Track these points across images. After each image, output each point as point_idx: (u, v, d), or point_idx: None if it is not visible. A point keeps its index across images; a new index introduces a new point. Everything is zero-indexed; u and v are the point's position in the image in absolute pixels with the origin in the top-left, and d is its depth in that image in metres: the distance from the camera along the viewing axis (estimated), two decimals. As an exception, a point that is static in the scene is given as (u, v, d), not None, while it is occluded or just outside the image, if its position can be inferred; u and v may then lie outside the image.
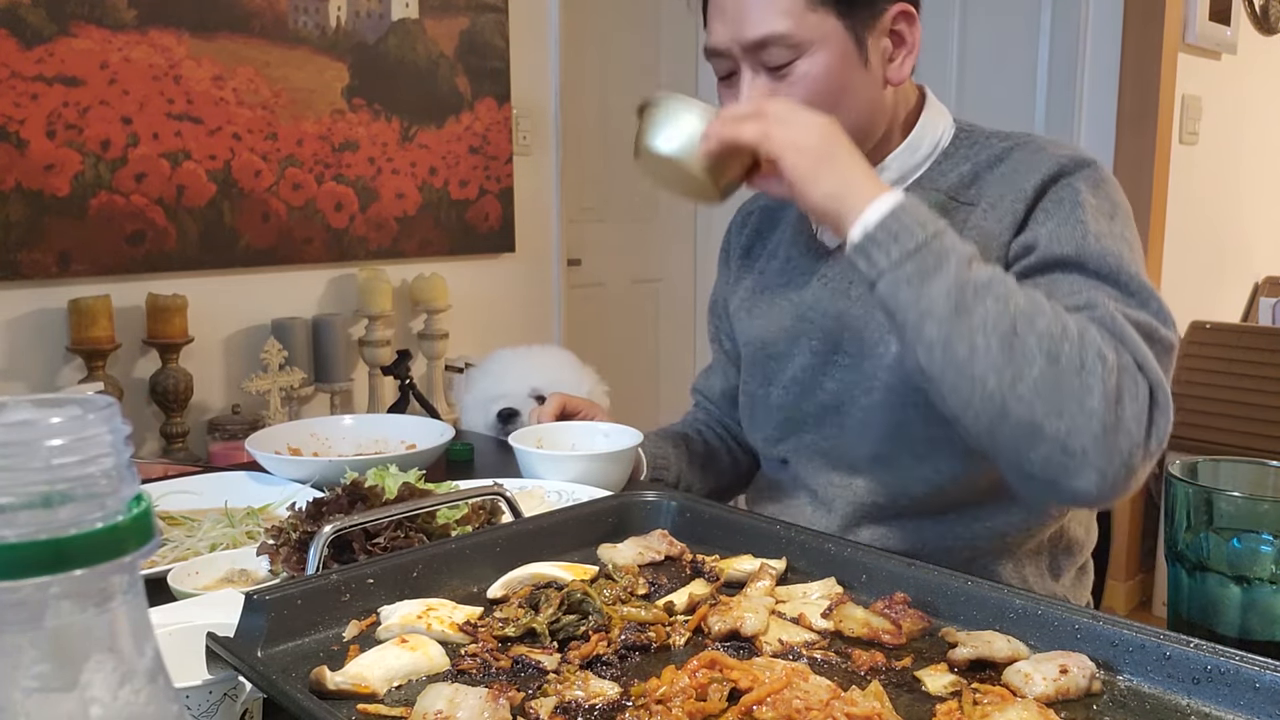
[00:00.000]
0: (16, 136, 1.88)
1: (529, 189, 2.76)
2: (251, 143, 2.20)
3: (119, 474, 0.22)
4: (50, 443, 0.21)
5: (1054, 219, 1.00)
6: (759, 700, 0.56)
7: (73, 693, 0.21)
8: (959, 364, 0.86)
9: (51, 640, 0.21)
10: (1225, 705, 0.58)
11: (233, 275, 2.20)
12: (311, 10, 2.27)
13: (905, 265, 0.88)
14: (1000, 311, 0.86)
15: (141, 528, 0.23)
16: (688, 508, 0.89)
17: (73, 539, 0.21)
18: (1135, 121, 2.83)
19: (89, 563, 0.21)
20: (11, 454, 0.20)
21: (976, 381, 0.86)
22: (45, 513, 0.21)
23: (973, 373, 0.86)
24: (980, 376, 0.86)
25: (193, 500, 1.12)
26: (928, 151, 1.12)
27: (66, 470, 0.21)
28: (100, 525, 0.21)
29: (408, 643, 0.64)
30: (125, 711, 0.21)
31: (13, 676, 0.19)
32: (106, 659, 0.21)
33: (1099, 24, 2.84)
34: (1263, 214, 3.53)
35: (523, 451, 1.18)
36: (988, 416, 0.87)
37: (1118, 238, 0.98)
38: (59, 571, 0.21)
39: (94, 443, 0.22)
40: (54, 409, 0.22)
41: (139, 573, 0.23)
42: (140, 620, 0.23)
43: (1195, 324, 3.12)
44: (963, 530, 1.10)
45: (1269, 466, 0.77)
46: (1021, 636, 0.66)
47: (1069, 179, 1.02)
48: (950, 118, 1.15)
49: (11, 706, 0.19)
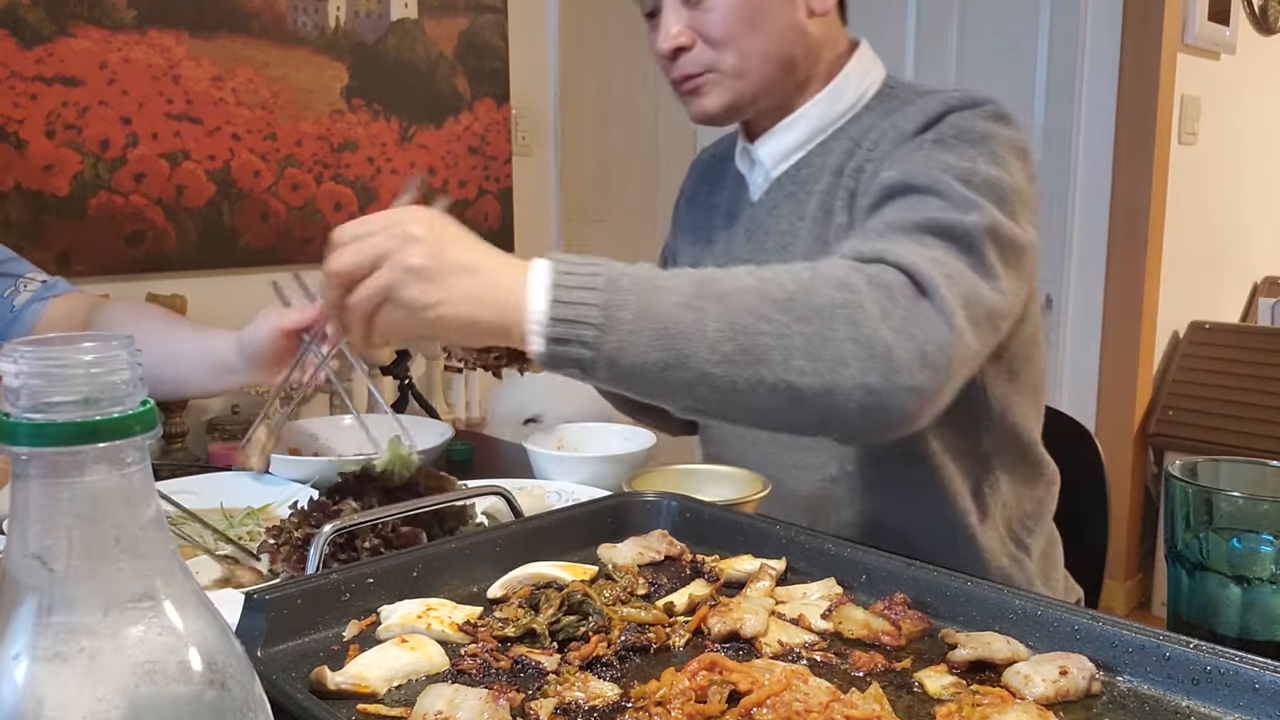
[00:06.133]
0: (16, 136, 1.88)
1: (528, 189, 2.75)
2: (251, 143, 2.20)
3: (133, 384, 0.34)
4: (87, 358, 0.33)
5: (907, 153, 0.98)
6: (759, 702, 0.56)
7: (103, 525, 0.33)
8: (728, 385, 0.78)
9: (88, 488, 0.33)
10: (1225, 706, 0.58)
11: (232, 275, 2.20)
12: (311, 10, 2.27)
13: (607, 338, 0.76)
14: (720, 312, 0.78)
15: (148, 418, 0.34)
16: (688, 508, 0.89)
17: (101, 422, 0.33)
18: (1134, 122, 2.83)
19: (112, 438, 0.33)
20: (63, 369, 0.33)
21: (755, 388, 0.78)
22: (84, 406, 0.33)
23: (745, 381, 0.78)
24: (752, 380, 0.78)
25: (192, 500, 1.12)
26: (850, 102, 1.12)
27: (98, 379, 0.33)
28: (117, 415, 0.33)
29: (408, 643, 0.64)
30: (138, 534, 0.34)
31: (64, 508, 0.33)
32: (124, 506, 0.34)
33: (1098, 24, 2.85)
34: (1262, 214, 3.53)
35: (535, 452, 1.18)
36: (789, 411, 0.80)
37: (962, 156, 0.95)
38: (94, 443, 0.33)
39: (116, 361, 0.33)
40: (87, 341, 0.34)
41: (147, 449, 0.34)
42: (147, 482, 0.35)
43: (1195, 324, 3.12)
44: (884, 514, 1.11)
45: (1269, 466, 0.76)
46: (1021, 637, 0.66)
47: (951, 116, 1.00)
48: (882, 71, 1.15)
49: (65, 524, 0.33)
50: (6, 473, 0.36)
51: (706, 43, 1.08)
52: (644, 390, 0.79)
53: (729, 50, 1.07)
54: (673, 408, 0.82)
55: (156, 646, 0.34)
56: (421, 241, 0.76)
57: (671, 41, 1.08)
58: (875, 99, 1.12)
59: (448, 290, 0.76)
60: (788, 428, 0.84)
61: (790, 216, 1.14)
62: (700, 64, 1.09)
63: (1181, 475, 0.74)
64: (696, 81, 1.10)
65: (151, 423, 0.34)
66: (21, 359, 0.33)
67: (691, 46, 1.08)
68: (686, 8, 1.07)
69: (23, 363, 0.32)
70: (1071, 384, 3.01)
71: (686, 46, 1.08)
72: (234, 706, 0.35)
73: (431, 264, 0.75)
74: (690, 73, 1.10)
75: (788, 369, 0.78)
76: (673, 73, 1.12)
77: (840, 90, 1.12)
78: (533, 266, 0.78)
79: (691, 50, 1.09)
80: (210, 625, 0.35)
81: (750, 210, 1.19)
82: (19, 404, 0.33)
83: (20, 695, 0.32)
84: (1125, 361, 2.93)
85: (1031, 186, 0.99)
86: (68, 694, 0.32)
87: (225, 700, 0.35)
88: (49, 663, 0.32)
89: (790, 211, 1.15)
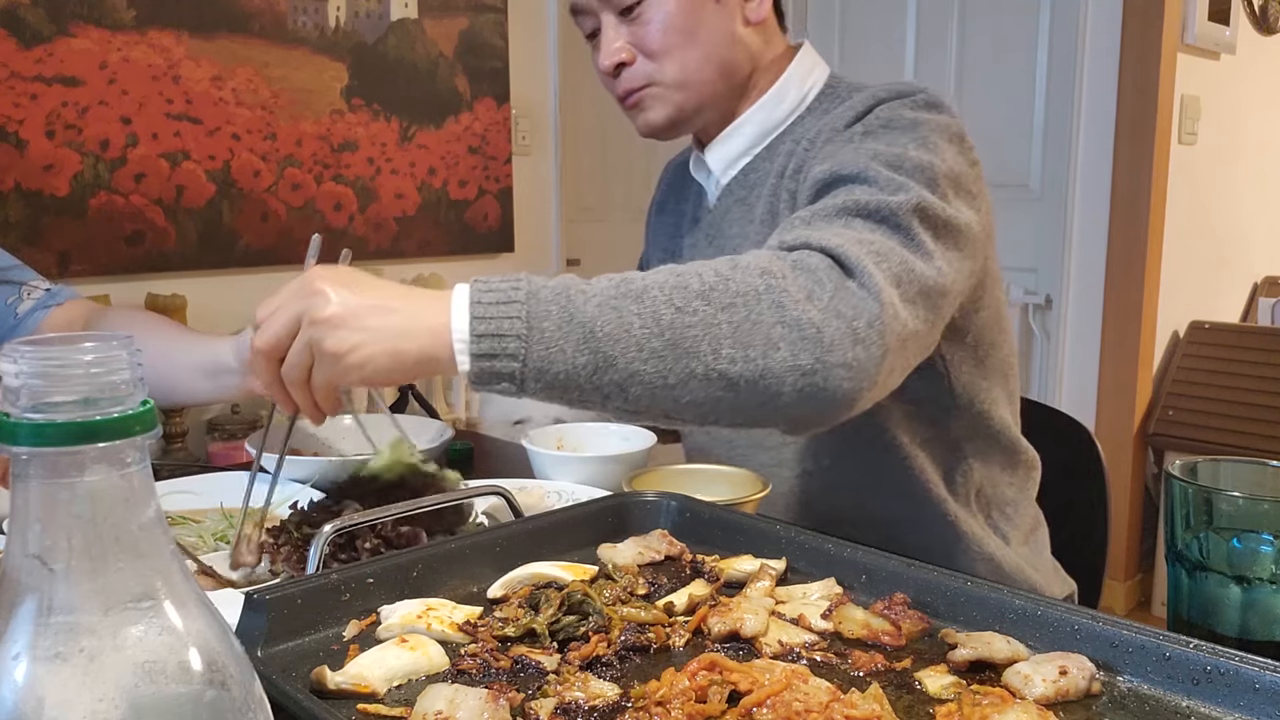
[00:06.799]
0: (16, 136, 1.88)
1: (528, 189, 2.76)
2: (251, 143, 2.20)
3: (133, 384, 0.34)
4: (87, 358, 0.33)
5: (837, 146, 0.99)
6: (759, 702, 0.56)
7: (103, 525, 0.33)
8: (659, 381, 0.77)
9: (88, 488, 0.33)
10: (1225, 706, 0.58)
11: (232, 275, 2.20)
12: (311, 10, 2.27)
13: (533, 348, 0.75)
14: (643, 309, 0.77)
15: (148, 418, 0.34)
16: (688, 508, 0.89)
17: (101, 422, 0.33)
18: (1134, 122, 2.83)
19: (111, 438, 0.33)
20: (63, 369, 0.33)
21: (686, 381, 0.77)
22: (84, 407, 0.33)
23: (676, 376, 0.77)
24: (683, 374, 0.77)
25: (192, 500, 1.12)
26: (792, 105, 1.14)
27: (98, 379, 0.33)
28: (117, 415, 0.33)
29: (408, 643, 0.64)
30: (138, 534, 0.34)
31: (64, 509, 0.33)
32: (124, 506, 0.34)
33: (1098, 24, 2.85)
34: (1262, 214, 3.53)
35: (535, 452, 1.18)
36: (725, 401, 0.79)
37: (891, 144, 0.95)
38: (94, 442, 0.33)
39: (116, 361, 0.33)
40: (87, 341, 0.34)
41: (147, 449, 0.34)
42: (147, 482, 0.35)
43: (1195, 324, 3.12)
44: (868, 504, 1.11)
45: (1269, 466, 0.76)
46: (1021, 637, 0.66)
47: (879, 108, 1.00)
48: (825, 72, 1.17)
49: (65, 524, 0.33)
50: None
51: (646, 56, 1.10)
52: (577, 398, 0.78)
53: (668, 61, 1.10)
54: (609, 412, 0.81)
55: (156, 646, 0.34)
56: (327, 293, 0.76)
57: (612, 57, 1.11)
58: (817, 100, 1.14)
59: (366, 331, 0.76)
60: (729, 420, 0.82)
61: (741, 221, 1.17)
62: (641, 77, 1.11)
63: (1181, 475, 0.74)
64: (638, 95, 1.13)
65: (151, 423, 0.34)
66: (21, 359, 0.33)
67: (632, 61, 1.11)
68: (625, 24, 1.09)
69: (23, 363, 0.33)
70: (1071, 384, 3.01)
71: (627, 62, 1.11)
72: (234, 706, 0.35)
73: (343, 310, 0.76)
74: (632, 87, 1.12)
75: (717, 358, 0.77)
76: (616, 89, 1.14)
77: (781, 95, 1.14)
78: (454, 291, 0.78)
79: (632, 65, 1.11)
80: (210, 625, 0.35)
81: (709, 216, 1.22)
82: (19, 404, 0.33)
83: (20, 695, 0.32)
84: (1125, 361, 2.93)
85: (971, 170, 0.98)
86: (68, 694, 0.32)
87: (225, 700, 0.35)
88: (49, 663, 0.32)
89: (741, 216, 1.17)
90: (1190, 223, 3.05)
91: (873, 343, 0.80)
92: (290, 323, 0.77)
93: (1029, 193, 3.04)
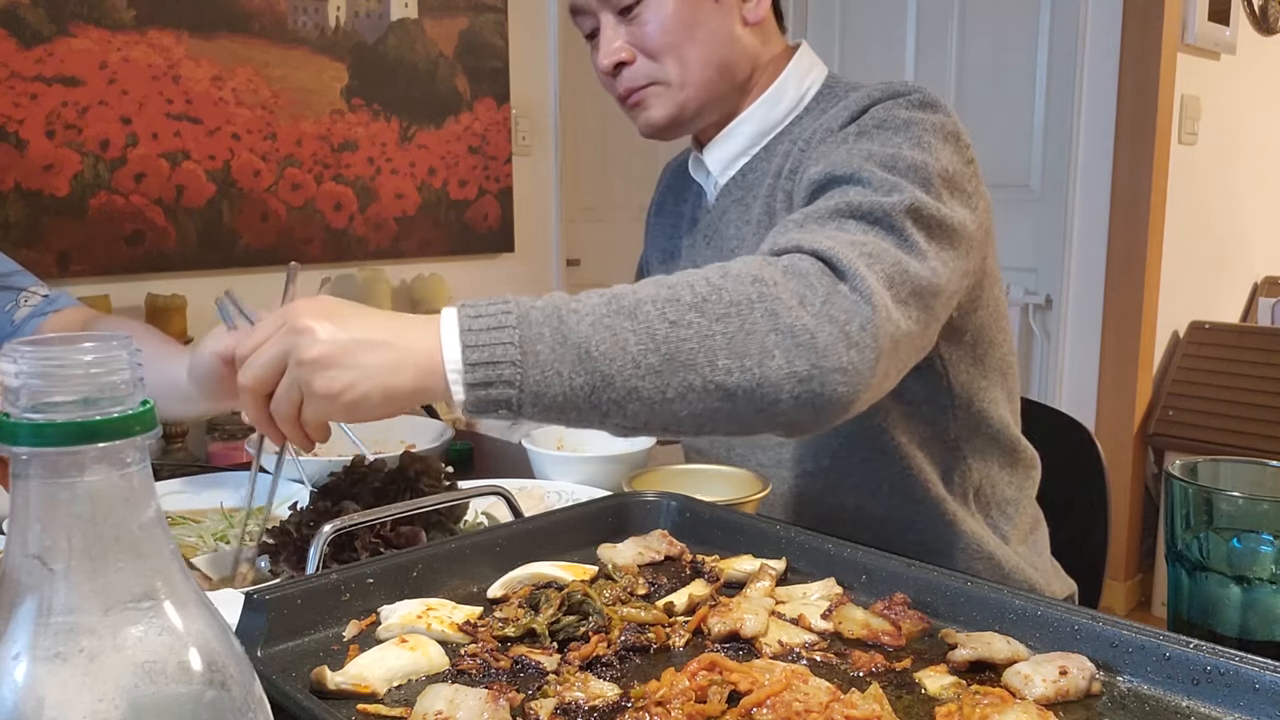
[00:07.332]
0: (16, 136, 1.88)
1: (528, 189, 2.76)
2: (251, 143, 2.20)
3: (133, 384, 0.34)
4: (86, 358, 0.33)
5: (831, 147, 0.98)
6: (759, 702, 0.56)
7: (103, 525, 0.33)
8: (658, 396, 0.76)
9: (88, 488, 0.33)
10: (1225, 706, 0.58)
11: (232, 275, 2.20)
12: (311, 10, 2.27)
13: (528, 373, 0.74)
14: (636, 325, 0.76)
15: (148, 418, 0.34)
16: (688, 508, 0.89)
17: (101, 422, 0.33)
18: (1134, 122, 2.83)
19: (111, 439, 0.33)
20: (63, 369, 0.33)
21: (684, 394, 0.77)
22: (84, 407, 0.33)
23: (674, 389, 0.76)
24: (681, 388, 0.76)
25: (192, 500, 1.12)
26: (790, 105, 1.14)
27: (97, 379, 0.33)
28: (117, 415, 0.33)
29: (408, 643, 0.64)
30: (138, 534, 0.34)
31: (64, 509, 0.33)
32: (124, 506, 0.34)
33: (1098, 25, 2.85)
34: (1262, 214, 3.53)
35: (535, 452, 1.18)
36: (724, 412, 0.79)
37: (885, 144, 0.95)
38: (94, 443, 0.33)
39: (116, 361, 0.34)
40: (87, 341, 0.34)
41: (147, 450, 0.35)
42: (147, 482, 0.35)
43: (1195, 324, 3.12)
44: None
45: (1269, 466, 0.76)
46: (1021, 637, 0.66)
47: (874, 108, 1.00)
48: (823, 72, 1.17)
49: (65, 524, 0.33)
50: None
51: (646, 55, 1.10)
52: (576, 418, 0.77)
53: (668, 60, 1.10)
54: (609, 430, 0.80)
55: (156, 646, 0.34)
56: (313, 330, 0.74)
57: (612, 57, 1.11)
58: (815, 100, 1.15)
59: (356, 369, 0.74)
60: (726, 430, 0.82)
61: (738, 222, 1.17)
62: (643, 77, 1.12)
63: (1181, 475, 0.74)
64: (640, 95, 1.13)
65: (151, 423, 0.35)
66: (21, 359, 0.33)
67: (632, 61, 1.11)
68: (624, 24, 1.09)
69: (23, 363, 0.33)
70: (1071, 384, 3.01)
71: (627, 61, 1.11)
72: (234, 707, 0.35)
73: (332, 349, 0.73)
74: (634, 86, 1.12)
75: (714, 369, 0.77)
76: (616, 89, 1.14)
77: (779, 95, 1.14)
78: (441, 318, 0.76)
79: (633, 65, 1.11)
80: (210, 625, 0.35)
81: (707, 217, 1.22)
82: (19, 404, 0.33)
83: (20, 695, 0.32)
84: (1125, 361, 2.93)
85: (967, 169, 0.98)
86: (68, 694, 0.32)
87: (225, 700, 0.35)
88: (49, 663, 0.32)
89: (738, 217, 1.17)
90: (1190, 223, 3.05)
91: (866, 345, 0.80)
92: (275, 362, 0.75)
93: (1029, 193, 3.04)
